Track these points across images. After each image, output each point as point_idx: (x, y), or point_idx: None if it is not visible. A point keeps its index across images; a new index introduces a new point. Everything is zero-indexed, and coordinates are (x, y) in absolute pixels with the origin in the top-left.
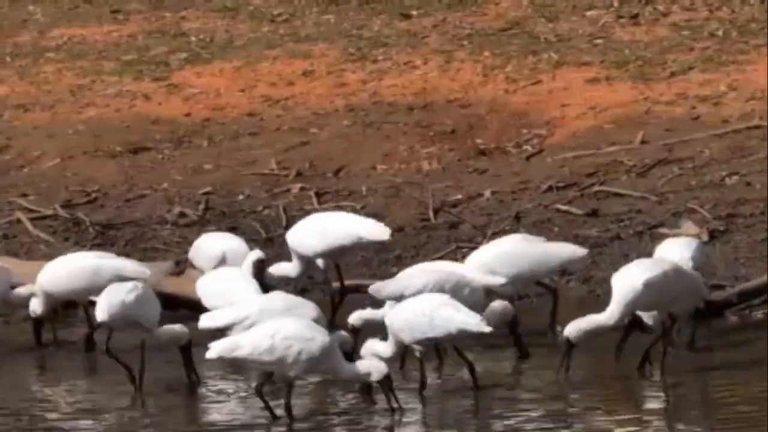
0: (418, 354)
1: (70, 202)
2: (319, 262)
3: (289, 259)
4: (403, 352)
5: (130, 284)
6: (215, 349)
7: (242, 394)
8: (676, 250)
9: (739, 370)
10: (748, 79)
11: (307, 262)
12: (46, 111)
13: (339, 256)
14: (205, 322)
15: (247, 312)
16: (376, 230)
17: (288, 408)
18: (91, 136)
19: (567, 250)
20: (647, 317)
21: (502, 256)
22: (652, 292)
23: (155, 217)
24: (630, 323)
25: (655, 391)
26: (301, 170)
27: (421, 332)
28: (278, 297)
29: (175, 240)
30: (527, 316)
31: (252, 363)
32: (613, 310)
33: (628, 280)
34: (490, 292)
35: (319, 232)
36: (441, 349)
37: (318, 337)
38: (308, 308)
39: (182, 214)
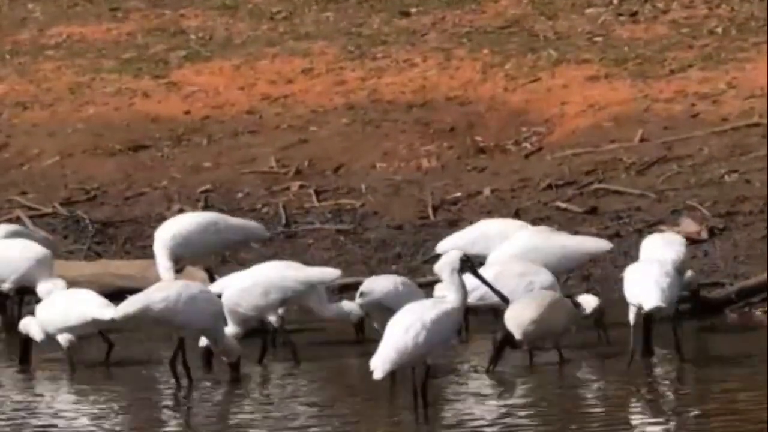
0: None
1: (70, 199)
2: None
3: (286, 256)
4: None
5: None
6: None
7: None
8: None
9: (739, 368)
10: (747, 77)
11: (178, 261)
12: (46, 109)
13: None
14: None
15: None
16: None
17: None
18: (90, 134)
19: (591, 244)
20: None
21: (527, 251)
22: None
23: (154, 215)
24: (503, 339)
25: (655, 390)
26: (301, 168)
27: None
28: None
29: None
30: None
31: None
32: None
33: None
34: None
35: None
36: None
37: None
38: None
39: (182, 212)
